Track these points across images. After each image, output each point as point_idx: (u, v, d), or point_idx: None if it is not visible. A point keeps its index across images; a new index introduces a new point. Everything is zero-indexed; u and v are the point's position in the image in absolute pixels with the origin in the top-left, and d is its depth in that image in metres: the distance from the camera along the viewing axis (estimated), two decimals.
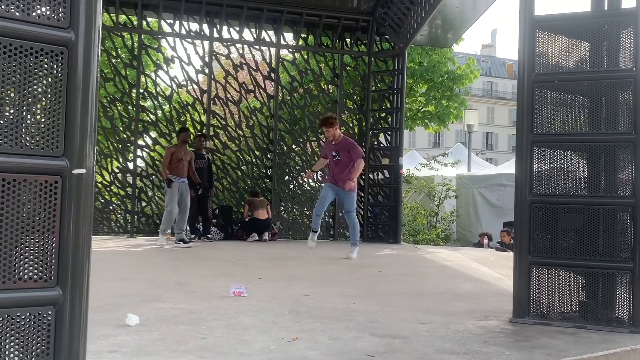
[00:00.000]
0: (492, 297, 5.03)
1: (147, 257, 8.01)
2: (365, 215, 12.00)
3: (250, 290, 4.85)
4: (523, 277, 3.96)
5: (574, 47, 4.04)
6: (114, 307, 4.04)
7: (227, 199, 11.82)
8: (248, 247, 9.76)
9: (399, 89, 11.87)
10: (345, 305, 4.38)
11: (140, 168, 11.56)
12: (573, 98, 4.05)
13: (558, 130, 4.01)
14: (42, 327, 1.93)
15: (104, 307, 4.04)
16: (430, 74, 16.26)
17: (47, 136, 1.93)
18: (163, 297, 4.51)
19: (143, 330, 3.41)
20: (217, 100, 11.74)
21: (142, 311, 3.88)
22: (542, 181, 3.99)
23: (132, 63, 11.48)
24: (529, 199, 3.97)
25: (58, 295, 1.95)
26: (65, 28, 1.96)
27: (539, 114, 3.99)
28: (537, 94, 4.00)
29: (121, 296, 4.51)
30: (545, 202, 3.95)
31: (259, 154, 12.05)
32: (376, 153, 12.18)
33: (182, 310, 4.01)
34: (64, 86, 1.96)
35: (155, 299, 4.45)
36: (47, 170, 1.93)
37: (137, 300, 4.36)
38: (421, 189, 16.85)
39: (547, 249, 3.93)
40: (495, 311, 4.33)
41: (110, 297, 4.42)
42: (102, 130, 11.26)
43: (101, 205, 11.14)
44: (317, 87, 12.51)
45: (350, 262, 7.68)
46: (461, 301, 4.76)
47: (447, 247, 12.90)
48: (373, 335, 3.44)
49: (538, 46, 4.02)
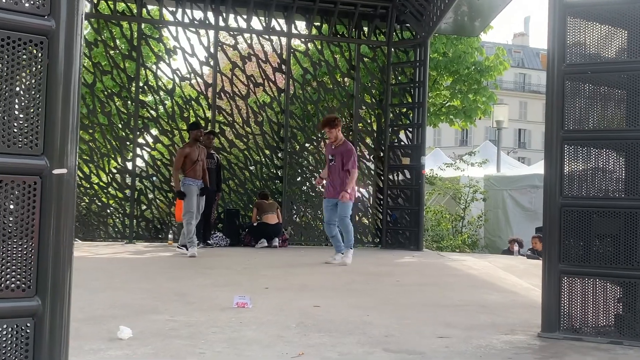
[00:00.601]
0: (520, 309, 4.99)
1: (146, 265, 8.04)
2: (384, 219, 11.97)
3: (255, 301, 4.85)
4: (553, 288, 3.92)
5: (610, 35, 3.99)
6: (105, 319, 4.05)
7: (234, 202, 11.84)
8: (256, 254, 9.77)
9: (421, 81, 11.82)
10: (358, 318, 4.37)
11: (140, 168, 11.62)
12: (609, 91, 4.00)
13: (592, 126, 3.96)
14: (20, 341, 1.94)
15: (95, 318, 4.05)
16: (455, 65, 16.18)
17: (26, 133, 1.94)
18: (160, 309, 4.52)
19: (136, 344, 3.41)
20: (223, 94, 11.77)
21: (136, 323, 3.89)
22: (573, 182, 3.94)
23: (132, 54, 11.54)
24: (559, 201, 3.93)
25: (37, 306, 1.95)
26: (45, 16, 1.96)
27: (570, 108, 3.95)
28: (568, 87, 3.96)
29: (115, 307, 4.53)
30: (577, 205, 3.90)
31: (269, 153, 12.06)
32: (396, 152, 12.14)
33: (179, 323, 4.01)
34: (43, 79, 1.96)
35: (151, 310, 4.46)
36: (26, 170, 1.94)
37: (132, 312, 4.37)
38: (446, 190, 16.77)
39: (579, 257, 3.89)
40: (522, 325, 4.29)
41: (103, 308, 4.44)
42: (99, 128, 11.33)
43: (98, 208, 11.20)
44: (332, 80, 12.50)
45: (366, 272, 7.66)
46: (485, 313, 4.72)
47: (473, 254, 12.83)
48: (386, 351, 3.42)
49: (569, 34, 3.98)
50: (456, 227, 16.40)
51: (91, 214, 11.18)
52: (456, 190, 16.67)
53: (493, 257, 10.96)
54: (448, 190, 16.76)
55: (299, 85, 12.35)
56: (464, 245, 15.34)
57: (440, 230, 15.79)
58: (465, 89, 16.65)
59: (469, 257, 10.67)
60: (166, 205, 11.44)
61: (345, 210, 8.28)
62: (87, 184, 11.10)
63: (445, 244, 14.84)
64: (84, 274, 6.62)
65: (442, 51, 16.17)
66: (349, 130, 12.13)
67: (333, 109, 12.39)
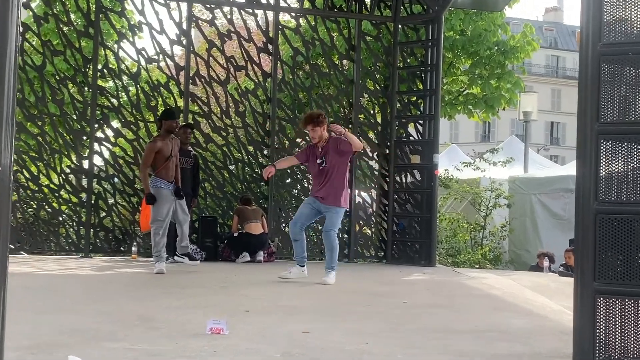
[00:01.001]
0: (549, 336, 5.00)
1: (104, 283, 8.03)
2: (390, 229, 11.97)
3: (233, 326, 4.84)
4: (586, 310, 3.92)
5: None
6: (53, 347, 4.04)
7: (210, 208, 11.83)
8: (236, 270, 9.76)
9: (434, 65, 11.83)
10: (355, 346, 4.37)
11: (98, 168, 11.60)
12: None
13: (634, 118, 3.96)
14: None
15: (40, 346, 4.05)
16: (475, 45, 16.18)
17: None
18: (119, 335, 4.51)
19: None
20: (197, 79, 11.76)
21: (89, 352, 3.88)
22: (611, 185, 3.94)
23: (88, 31, 11.51)
24: (593, 207, 3.93)
25: None
26: None
27: (607, 96, 3.95)
28: (605, 70, 3.96)
29: (65, 333, 4.52)
30: (615, 212, 3.90)
31: (252, 150, 12.05)
32: (404, 148, 12.15)
33: (141, 352, 4.01)
34: None
35: (109, 337, 4.45)
36: None
37: (85, 339, 4.36)
38: (463, 195, 16.76)
39: (618, 274, 3.89)
40: (550, 354, 4.30)
41: (51, 334, 4.43)
42: (50, 119, 11.31)
43: (48, 215, 11.18)
44: (328, 62, 12.50)
45: (367, 291, 7.67)
46: (507, 341, 4.73)
47: (495, 270, 12.84)
48: None
49: (606, 8, 3.98)
50: (475, 239, 16.38)
51: (39, 222, 11.15)
52: (476, 195, 16.67)
53: (519, 274, 10.96)
54: (466, 195, 16.75)
55: (288, 68, 12.34)
56: (484, 260, 15.34)
57: (457, 242, 15.78)
58: (487, 73, 16.65)
59: (491, 274, 10.66)
60: (129, 212, 11.42)
61: (334, 221, 8.24)
62: (34, 186, 11.08)
63: (463, 258, 14.84)
64: (30, 293, 6.61)
65: (459, 29, 16.17)
66: (348, 123, 12.14)
67: (329, 96, 12.40)
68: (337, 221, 8.30)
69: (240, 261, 11.11)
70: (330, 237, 8.24)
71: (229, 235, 11.45)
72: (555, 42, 63.28)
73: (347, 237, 12.04)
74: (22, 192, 11.02)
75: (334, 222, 8.24)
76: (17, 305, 5.42)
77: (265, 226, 11.37)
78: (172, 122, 9.17)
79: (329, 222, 8.26)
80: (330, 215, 8.24)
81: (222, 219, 11.83)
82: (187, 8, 11.66)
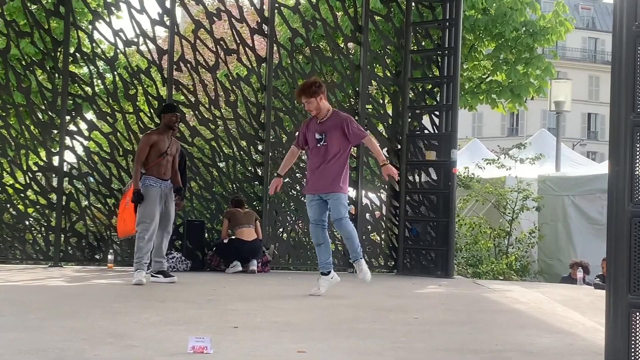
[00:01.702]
0: (580, 357, 5.00)
1: (75, 295, 8.03)
2: (401, 235, 11.97)
3: (219, 344, 4.84)
4: (620, 327, 3.91)
5: None
6: None
7: (197, 211, 11.84)
8: (225, 281, 9.76)
9: (453, 48, 11.83)
10: None
11: (70, 165, 11.61)
12: None
13: None
14: None
15: None
16: (499, 26, 16.16)
17: None
18: (87, 354, 4.52)
19: None
20: (183, 65, 11.77)
21: None
22: None
23: (59, 10, 11.53)
24: (628, 210, 3.92)
25: None
26: None
27: None
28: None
29: (26, 352, 4.52)
30: None
31: (245, 145, 12.06)
32: (418, 143, 12.15)
33: None
34: None
35: (76, 356, 4.45)
36: None
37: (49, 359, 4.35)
38: (486, 196, 16.75)
39: None
40: None
41: (10, 354, 4.43)
42: (15, 110, 11.33)
43: (12, 219, 11.19)
44: (331, 45, 12.50)
45: (374, 305, 7.66)
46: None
47: (522, 282, 12.83)
48: None
49: None
50: (500, 246, 16.35)
51: (3, 227, 11.17)
52: (500, 196, 16.64)
53: (549, 287, 10.95)
54: (489, 196, 16.74)
55: (285, 52, 12.34)
56: (510, 271, 15.31)
57: (478, 251, 15.75)
58: (513, 58, 16.64)
59: (516, 286, 10.65)
60: (105, 215, 11.43)
61: (339, 208, 8.12)
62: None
63: (485, 268, 14.82)
64: None
65: (481, 7, 16.15)
66: (355, 114, 12.13)
67: (333, 85, 12.40)
68: (342, 208, 8.16)
69: (230, 271, 11.12)
70: (342, 225, 8.17)
71: (218, 241, 11.46)
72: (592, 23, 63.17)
73: None
74: None
75: (339, 210, 8.14)
76: None
77: (259, 231, 11.39)
78: (171, 115, 9.32)
79: (334, 211, 8.17)
80: (332, 203, 8.14)
81: (210, 224, 11.86)
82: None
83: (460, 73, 12.63)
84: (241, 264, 11.18)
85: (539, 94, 17.20)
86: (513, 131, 57.90)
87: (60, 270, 10.65)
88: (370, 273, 8.34)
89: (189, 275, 10.60)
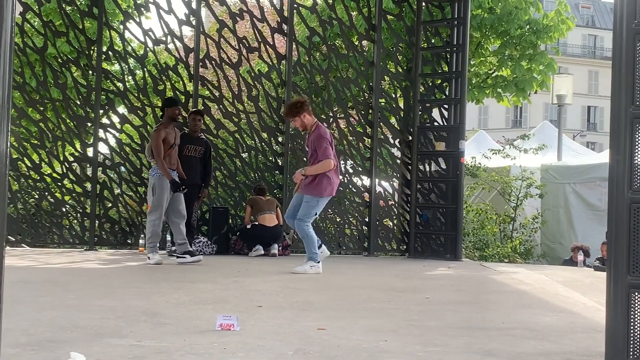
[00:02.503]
0: (581, 334, 4.99)
1: (109, 277, 8.09)
2: (413, 220, 11.98)
3: (244, 322, 4.87)
4: (620, 306, 3.91)
5: None
6: (54, 344, 4.08)
7: (221, 199, 11.89)
8: (249, 264, 9.81)
9: (461, 45, 11.82)
10: (373, 344, 4.38)
11: (103, 156, 11.67)
12: None
13: None
14: None
15: (41, 343, 4.09)
16: (505, 24, 16.10)
17: None
18: (124, 331, 4.55)
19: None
20: (208, 62, 11.79)
21: (92, 349, 3.92)
22: None
23: (92, 11, 11.58)
24: (628, 196, 3.91)
25: None
26: None
27: None
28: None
29: (67, 329, 4.56)
30: None
31: (266, 137, 12.09)
32: (428, 135, 12.16)
33: (147, 349, 4.04)
34: None
35: (113, 333, 4.49)
36: None
37: (88, 335, 4.40)
38: (492, 184, 16.74)
39: None
40: (582, 353, 4.29)
41: (52, 331, 4.48)
42: (52, 104, 11.39)
43: (50, 206, 11.28)
44: (346, 43, 12.49)
45: (388, 286, 7.68)
46: (536, 339, 4.73)
47: (526, 265, 12.83)
48: None
49: None
50: (505, 231, 16.37)
51: (42, 213, 11.26)
52: (505, 184, 16.64)
53: (551, 269, 10.93)
54: (495, 184, 16.73)
55: (304, 50, 12.35)
56: (514, 254, 15.32)
57: (485, 235, 15.76)
58: (518, 54, 16.58)
59: (521, 268, 10.66)
60: (136, 202, 11.50)
61: (306, 210, 8.41)
62: (36, 175, 11.18)
63: (491, 252, 14.82)
64: (31, 287, 6.69)
65: (487, 6, 16.10)
66: (369, 108, 12.14)
67: (348, 80, 12.40)
68: (309, 211, 8.42)
69: (253, 254, 11.17)
70: (301, 227, 8.45)
71: (241, 227, 11.50)
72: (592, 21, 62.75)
73: (367, 230, 12.07)
74: (23, 181, 11.12)
75: (306, 211, 8.42)
76: (17, 301, 5.49)
77: (280, 218, 11.41)
78: (174, 109, 9.49)
79: (301, 210, 8.46)
80: (303, 204, 8.46)
81: (234, 210, 11.90)
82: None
83: (468, 69, 12.59)
84: (263, 248, 11.24)
85: (542, 88, 17.12)
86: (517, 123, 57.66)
87: (95, 253, 10.73)
88: (306, 270, 8.45)
89: (214, 258, 10.65)
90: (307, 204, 8.42)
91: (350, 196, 12.29)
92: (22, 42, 11.06)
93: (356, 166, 12.30)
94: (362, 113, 12.33)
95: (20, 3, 10.90)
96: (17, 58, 11.01)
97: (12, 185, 10.79)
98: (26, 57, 11.27)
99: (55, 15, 13.27)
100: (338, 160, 9.08)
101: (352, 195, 12.29)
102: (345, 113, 12.61)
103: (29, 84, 11.56)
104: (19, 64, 11.05)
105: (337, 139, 12.21)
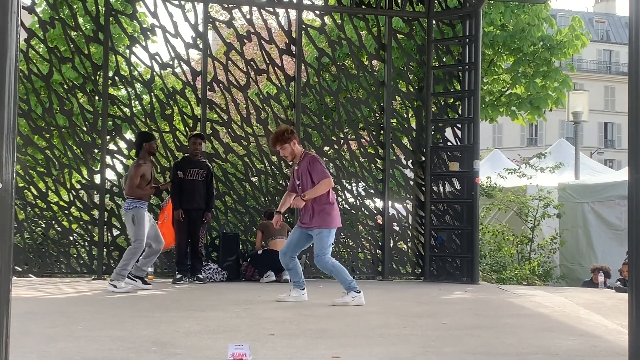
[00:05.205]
0: (603, 359, 4.97)
1: (118, 306, 8.09)
2: (427, 243, 11.95)
3: (257, 351, 4.86)
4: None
5: None
6: None
7: (231, 224, 11.88)
8: (260, 290, 9.79)
9: (473, 63, 11.82)
10: None
11: (110, 182, 11.70)
12: None
13: None
14: None
15: None
16: (517, 41, 16.12)
17: None
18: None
19: None
20: (215, 85, 11.84)
21: None
22: None
23: (98, 36, 11.66)
24: None
25: None
26: None
27: None
28: None
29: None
30: None
31: (276, 160, 12.10)
32: (441, 155, 12.14)
33: None
34: None
35: None
36: None
37: None
38: (508, 205, 16.69)
39: None
40: None
41: None
42: (58, 131, 11.45)
43: (58, 235, 11.30)
44: (356, 63, 12.52)
45: (403, 311, 7.66)
46: None
47: (545, 287, 12.75)
48: None
49: None
50: (522, 253, 16.28)
51: (49, 242, 11.29)
52: (522, 204, 16.58)
53: (571, 291, 10.89)
54: (511, 205, 16.68)
55: (313, 71, 12.40)
56: (532, 276, 15.23)
57: (502, 257, 15.69)
58: (531, 71, 16.59)
59: (540, 291, 10.61)
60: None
61: (322, 244, 8.25)
62: (42, 203, 11.21)
63: (509, 274, 14.75)
64: (38, 318, 6.70)
65: (499, 23, 16.13)
66: (380, 128, 12.15)
67: (358, 100, 12.43)
68: (325, 244, 8.26)
69: (265, 281, 11.15)
70: (323, 261, 8.25)
71: (252, 252, 11.50)
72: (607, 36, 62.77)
73: (381, 253, 12.04)
74: (29, 210, 11.16)
75: (322, 246, 8.26)
76: (25, 333, 5.50)
77: None
78: (152, 143, 9.91)
79: (316, 246, 8.36)
80: (316, 239, 8.33)
81: (244, 236, 11.89)
82: (203, 9, 11.74)
83: (481, 87, 12.63)
84: (275, 274, 11.22)
85: (557, 105, 17.12)
86: (532, 141, 57.59)
87: (104, 282, 10.72)
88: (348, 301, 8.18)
89: (224, 285, 10.65)
90: (319, 238, 8.28)
91: (363, 219, 12.27)
92: (27, 69, 11.13)
93: (368, 188, 12.28)
94: (374, 134, 12.33)
95: (25, 29, 10.99)
96: (23, 85, 11.10)
97: (19, 214, 10.82)
98: (31, 84, 11.33)
99: (61, 41, 13.37)
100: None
101: (364, 218, 12.28)
102: (356, 134, 12.63)
103: (35, 111, 11.64)
104: (24, 91, 11.13)
105: (349, 161, 12.23)
